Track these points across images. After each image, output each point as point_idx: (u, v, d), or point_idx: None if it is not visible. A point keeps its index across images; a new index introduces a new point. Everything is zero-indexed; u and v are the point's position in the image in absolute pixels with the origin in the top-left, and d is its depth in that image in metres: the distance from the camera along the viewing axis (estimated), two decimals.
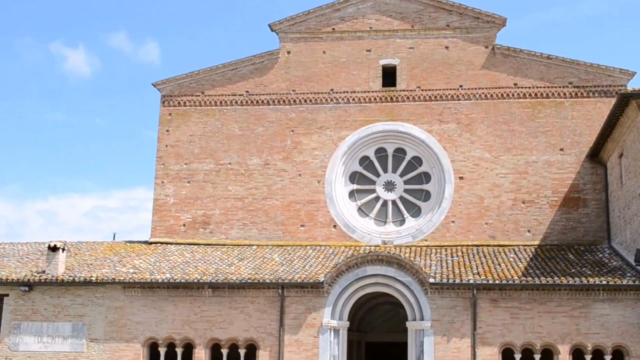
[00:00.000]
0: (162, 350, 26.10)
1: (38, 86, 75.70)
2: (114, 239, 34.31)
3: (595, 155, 29.33)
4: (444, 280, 24.57)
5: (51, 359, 26.57)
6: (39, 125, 75.34)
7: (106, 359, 26.20)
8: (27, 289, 27.05)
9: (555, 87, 30.43)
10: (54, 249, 27.44)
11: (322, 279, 25.18)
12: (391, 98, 31.45)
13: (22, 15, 75.47)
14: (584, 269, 25.27)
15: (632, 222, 25.26)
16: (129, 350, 26.12)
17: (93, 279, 26.56)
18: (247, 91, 32.50)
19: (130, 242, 32.51)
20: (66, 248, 28.36)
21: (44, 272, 27.47)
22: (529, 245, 28.89)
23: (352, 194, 31.52)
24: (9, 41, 76.11)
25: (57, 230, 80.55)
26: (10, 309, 27.21)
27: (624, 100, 24.15)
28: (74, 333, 26.63)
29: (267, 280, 25.51)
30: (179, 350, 26.00)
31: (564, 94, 30.36)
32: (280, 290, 25.33)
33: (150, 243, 31.52)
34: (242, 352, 25.63)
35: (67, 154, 74.88)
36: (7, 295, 27.28)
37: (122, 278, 26.48)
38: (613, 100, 26.95)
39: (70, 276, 26.90)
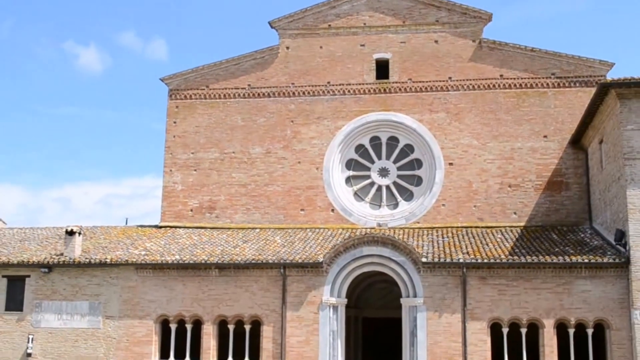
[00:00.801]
0: (173, 327, 26.04)
1: (53, 83, 75.37)
2: (126, 223, 34.22)
3: (577, 141, 29.10)
4: (436, 260, 24.41)
5: (70, 335, 26.65)
6: (54, 119, 75.12)
7: (121, 335, 26.20)
8: (47, 270, 27.08)
9: (539, 77, 30.16)
10: (71, 233, 27.44)
11: (321, 259, 25.02)
12: (384, 90, 31.16)
13: (37, 17, 75.02)
14: (567, 248, 25.08)
15: (612, 204, 25.05)
16: (142, 326, 26.05)
17: (108, 260, 26.50)
18: (249, 84, 32.21)
19: (141, 226, 32.34)
20: (82, 232, 28.36)
21: (62, 254, 27.47)
22: (515, 227, 28.71)
23: (348, 179, 31.29)
24: (25, 41, 75.66)
25: (72, 216, 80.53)
26: (32, 289, 27.25)
27: (604, 89, 23.94)
28: (91, 311, 26.63)
29: (270, 261, 25.36)
30: (189, 326, 25.93)
31: (547, 84, 30.09)
32: (282, 270, 25.16)
33: (160, 227, 31.34)
34: (247, 327, 25.55)
35: (81, 145, 74.66)
36: (28, 276, 27.32)
37: (134, 259, 26.38)
38: (593, 90, 26.67)
39: (86, 258, 26.88)
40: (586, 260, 23.49)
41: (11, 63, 75.07)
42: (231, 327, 25.60)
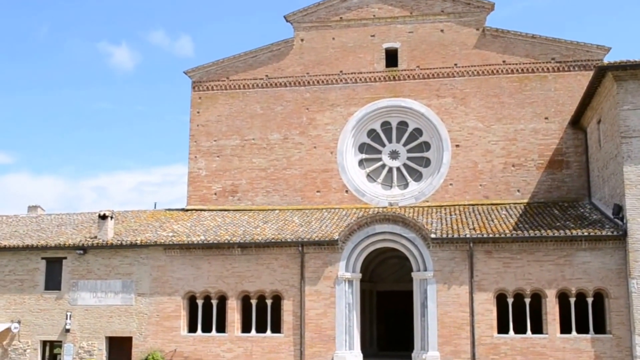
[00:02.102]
0: (200, 302, 26.40)
1: (87, 80, 76.06)
2: (154, 207, 34.54)
3: (576, 122, 28.98)
4: (444, 235, 24.56)
5: (105, 311, 27.08)
6: (89, 114, 75.92)
7: (152, 311, 26.60)
8: (82, 252, 27.49)
9: (540, 62, 30.02)
10: (103, 217, 27.77)
11: (336, 237, 25.25)
12: (394, 77, 31.18)
13: (71, 20, 75.68)
14: (567, 222, 25.11)
15: (610, 180, 25.02)
16: (171, 302, 26.46)
17: (138, 242, 26.86)
18: (266, 75, 32.36)
19: (169, 210, 32.74)
20: (114, 216, 28.67)
21: (95, 237, 27.86)
22: (518, 203, 28.74)
23: (361, 162, 31.43)
24: (61, 42, 76.36)
25: (107, 203, 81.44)
26: (69, 270, 27.68)
27: (601, 72, 23.79)
28: (124, 289, 27.00)
29: (289, 240, 25.62)
30: (214, 302, 26.30)
31: (548, 68, 29.95)
32: (300, 248, 25.44)
33: (186, 210, 31.70)
34: (268, 302, 25.87)
35: (114, 138, 75.45)
36: (65, 258, 27.77)
37: (163, 241, 26.73)
38: (591, 73, 26.51)
39: (118, 240, 27.24)
40: (586, 234, 23.52)
41: (49, 64, 76.00)
42: (254, 301, 25.92)
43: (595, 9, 70.34)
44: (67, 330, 27.09)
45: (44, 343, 27.77)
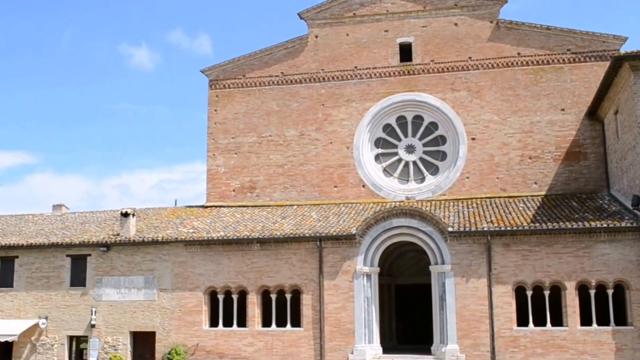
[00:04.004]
0: (221, 297, 26.08)
1: (109, 82, 76.19)
2: (175, 205, 34.26)
3: (593, 113, 28.08)
4: (462, 229, 23.91)
5: (129, 307, 26.87)
6: (110, 114, 76.15)
7: (174, 306, 26.33)
8: (105, 249, 27.32)
9: (555, 54, 29.13)
10: (125, 215, 27.57)
11: (354, 232, 24.72)
12: (408, 71, 30.48)
13: (93, 24, 75.74)
14: (586, 214, 24.31)
15: (628, 171, 24.14)
16: (193, 297, 26.14)
17: (159, 238, 26.60)
18: (282, 72, 31.84)
19: (189, 207, 32.40)
20: (136, 214, 28.46)
21: (118, 234, 27.66)
22: (536, 196, 27.94)
23: (377, 157, 30.82)
24: (82, 45, 76.47)
25: (130, 200, 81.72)
26: (93, 266, 27.52)
27: (618, 62, 23.01)
28: (146, 284, 26.76)
29: (307, 235, 25.15)
30: (235, 297, 25.95)
31: (563, 60, 29.05)
32: (318, 243, 24.95)
33: (206, 207, 31.35)
34: (288, 296, 25.45)
35: (136, 137, 75.59)
36: (89, 255, 27.60)
37: (183, 237, 26.43)
38: (608, 64, 25.65)
39: (140, 237, 27.02)
40: (605, 225, 22.72)
41: (73, 67, 76.20)
42: (273, 296, 25.54)
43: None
44: (93, 326, 26.96)
45: (71, 338, 27.69)
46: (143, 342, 26.70)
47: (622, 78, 23.67)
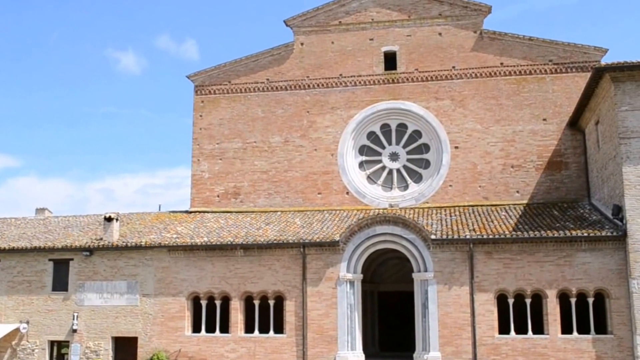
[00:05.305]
0: (204, 303, 25.62)
1: (94, 86, 75.24)
2: (159, 210, 33.71)
3: (575, 123, 28.04)
4: (444, 237, 23.66)
5: (111, 312, 26.36)
6: (95, 118, 75.09)
7: (157, 311, 25.85)
8: (88, 253, 26.83)
9: (537, 64, 29.09)
10: (109, 219, 27.11)
11: (337, 238, 24.40)
12: (393, 80, 30.27)
13: (80, 28, 74.82)
14: (567, 223, 24.18)
15: (609, 181, 24.08)
16: (176, 303, 25.67)
17: (143, 243, 26.12)
18: (267, 79, 31.49)
19: (173, 212, 31.88)
20: (119, 218, 27.96)
21: (101, 239, 27.16)
22: (518, 204, 27.81)
23: (361, 164, 30.54)
24: (68, 49, 75.53)
25: (114, 205, 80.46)
26: (75, 271, 27.00)
27: (599, 73, 22.94)
28: (129, 289, 26.29)
29: (291, 241, 24.78)
30: (218, 302, 25.51)
31: (545, 70, 29.02)
32: (302, 249, 24.58)
33: (190, 212, 30.87)
34: (271, 302, 25.05)
35: (120, 141, 74.54)
36: (72, 259, 27.08)
37: (167, 242, 25.97)
38: (589, 75, 25.68)
39: (123, 242, 26.53)
40: (586, 234, 22.60)
41: (58, 70, 75.18)
42: (256, 302, 25.12)
43: (592, 11, 69.45)
44: (74, 331, 26.40)
45: (52, 343, 27.07)
46: (125, 348, 26.14)
47: (603, 89, 23.63)
